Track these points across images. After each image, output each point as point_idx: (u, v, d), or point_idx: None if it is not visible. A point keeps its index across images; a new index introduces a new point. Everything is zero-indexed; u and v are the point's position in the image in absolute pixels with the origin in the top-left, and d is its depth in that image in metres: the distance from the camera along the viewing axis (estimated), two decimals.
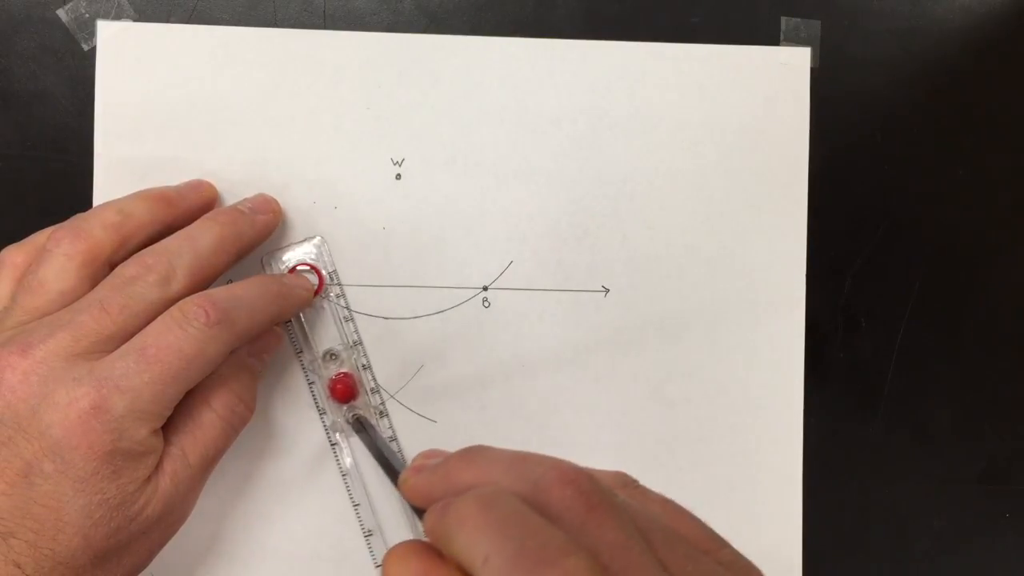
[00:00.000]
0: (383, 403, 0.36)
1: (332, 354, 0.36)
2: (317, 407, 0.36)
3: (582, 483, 0.21)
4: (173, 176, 0.36)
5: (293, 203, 0.36)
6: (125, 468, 0.27)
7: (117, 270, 0.29)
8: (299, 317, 0.35)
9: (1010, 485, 0.38)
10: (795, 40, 0.37)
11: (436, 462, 0.24)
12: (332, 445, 0.36)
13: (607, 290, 0.37)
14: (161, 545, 0.30)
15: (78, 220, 0.31)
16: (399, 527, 0.36)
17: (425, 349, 0.36)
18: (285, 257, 0.35)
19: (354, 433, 0.35)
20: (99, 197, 0.35)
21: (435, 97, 0.36)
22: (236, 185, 0.36)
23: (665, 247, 0.37)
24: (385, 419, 0.36)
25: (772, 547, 0.37)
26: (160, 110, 0.36)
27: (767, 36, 0.37)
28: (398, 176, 0.36)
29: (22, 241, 0.32)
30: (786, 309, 0.37)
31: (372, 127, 0.36)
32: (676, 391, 0.37)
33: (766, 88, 0.37)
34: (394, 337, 0.36)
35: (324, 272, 0.36)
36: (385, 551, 0.34)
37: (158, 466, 0.29)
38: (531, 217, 0.36)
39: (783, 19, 0.38)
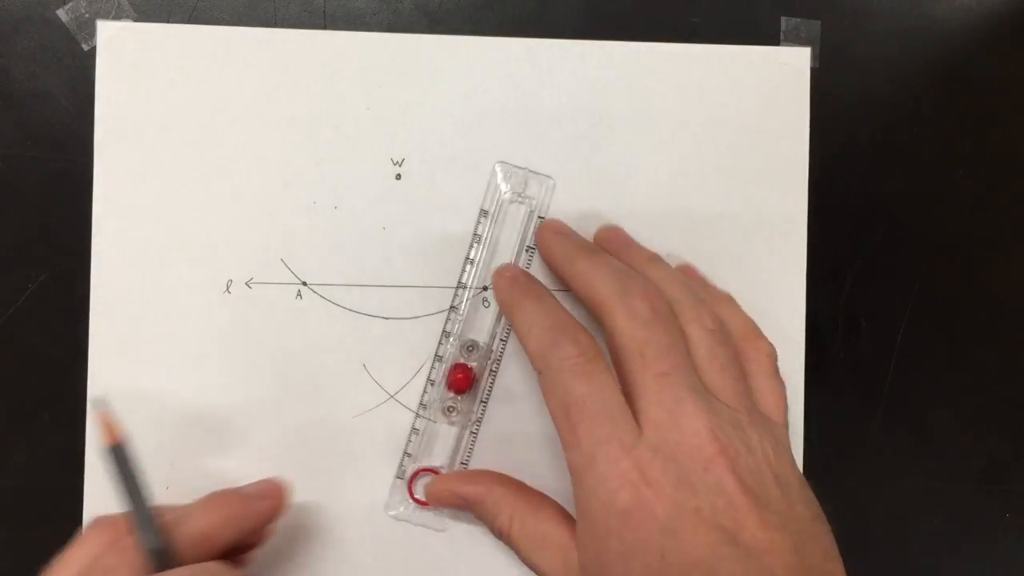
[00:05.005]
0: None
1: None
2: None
3: (656, 300, 0.30)
4: (173, 176, 0.36)
5: (293, 203, 0.36)
6: None
7: None
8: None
9: (1010, 485, 0.38)
10: (795, 40, 0.37)
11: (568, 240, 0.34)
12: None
13: None
14: None
15: None
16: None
17: (425, 349, 0.36)
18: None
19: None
20: (99, 197, 0.35)
21: (435, 97, 0.36)
22: (236, 185, 0.36)
23: (665, 247, 0.37)
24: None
25: None
26: (160, 110, 0.36)
27: (767, 36, 0.37)
28: (398, 176, 0.36)
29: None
30: (786, 309, 0.37)
31: (372, 127, 0.36)
32: None
33: (766, 88, 0.37)
34: (394, 337, 0.36)
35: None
36: None
37: None
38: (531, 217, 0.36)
39: (783, 19, 0.38)
